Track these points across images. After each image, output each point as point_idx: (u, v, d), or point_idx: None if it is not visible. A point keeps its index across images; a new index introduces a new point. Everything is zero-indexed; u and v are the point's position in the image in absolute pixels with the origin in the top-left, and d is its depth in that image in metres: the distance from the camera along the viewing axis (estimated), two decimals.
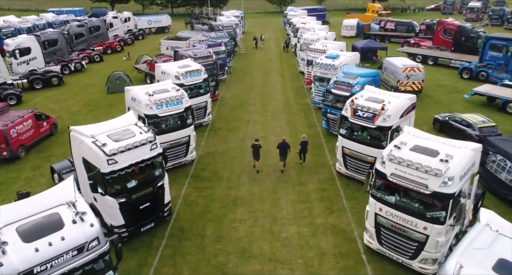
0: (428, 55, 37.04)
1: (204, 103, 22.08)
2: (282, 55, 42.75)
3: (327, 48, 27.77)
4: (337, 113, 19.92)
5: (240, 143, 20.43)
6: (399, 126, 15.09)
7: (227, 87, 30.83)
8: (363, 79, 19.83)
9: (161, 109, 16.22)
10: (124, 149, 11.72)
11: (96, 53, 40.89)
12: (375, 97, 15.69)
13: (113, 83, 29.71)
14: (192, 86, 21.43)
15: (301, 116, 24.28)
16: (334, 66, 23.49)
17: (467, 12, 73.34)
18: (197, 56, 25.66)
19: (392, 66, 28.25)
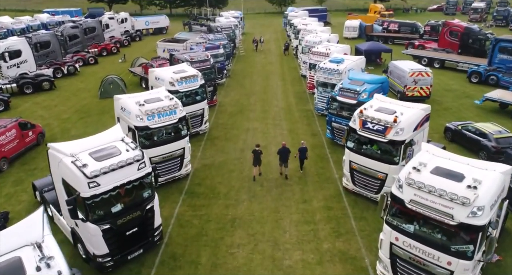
0: (434, 58, 35.72)
1: (201, 110, 20.77)
2: (283, 58, 41.44)
3: (330, 52, 26.46)
4: (343, 122, 18.75)
5: (239, 154, 19.12)
6: (413, 140, 13.79)
7: (226, 91, 29.52)
8: (371, 86, 18.52)
9: (153, 120, 14.89)
10: (108, 169, 10.41)
11: (90, 56, 39.57)
12: (386, 107, 14.37)
13: (106, 87, 28.39)
14: (188, 93, 20.13)
15: (304, 124, 22.96)
16: (339, 71, 22.19)
17: (471, 13, 71.97)
18: (194, 60, 24.34)
19: (398, 70, 26.95)
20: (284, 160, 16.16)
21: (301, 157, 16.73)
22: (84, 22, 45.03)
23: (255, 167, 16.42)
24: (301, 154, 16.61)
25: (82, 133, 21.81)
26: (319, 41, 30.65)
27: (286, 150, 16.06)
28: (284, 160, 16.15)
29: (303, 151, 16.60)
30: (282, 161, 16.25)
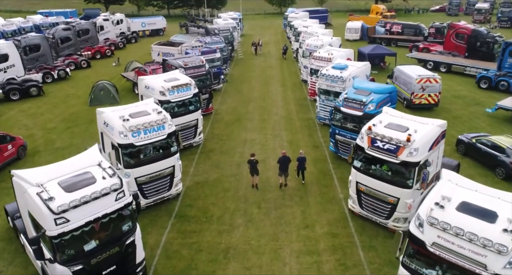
0: (441, 62, 34.27)
1: (195, 121, 19.31)
2: (283, 61, 39.92)
3: (333, 57, 25.00)
4: (347, 135, 17.32)
5: (235, 169, 17.65)
6: (428, 160, 12.33)
7: (223, 98, 28.05)
8: (378, 97, 17.06)
9: (138, 137, 13.43)
10: (79, 202, 8.96)
11: (83, 59, 38.09)
12: (397, 124, 12.91)
13: (96, 94, 26.94)
14: (180, 103, 18.66)
15: (305, 134, 21.49)
16: (342, 78, 20.73)
17: (474, 14, 70.52)
18: (188, 66, 22.88)
19: (405, 76, 25.48)
20: (284, 169, 15.48)
21: (300, 167, 15.97)
22: (77, 24, 43.56)
23: (252, 176, 15.78)
24: (299, 164, 15.87)
25: (67, 145, 20.48)
26: (321, 44, 29.19)
27: (286, 159, 15.37)
28: (285, 169, 15.49)
29: (302, 161, 15.84)
30: (282, 170, 15.53)
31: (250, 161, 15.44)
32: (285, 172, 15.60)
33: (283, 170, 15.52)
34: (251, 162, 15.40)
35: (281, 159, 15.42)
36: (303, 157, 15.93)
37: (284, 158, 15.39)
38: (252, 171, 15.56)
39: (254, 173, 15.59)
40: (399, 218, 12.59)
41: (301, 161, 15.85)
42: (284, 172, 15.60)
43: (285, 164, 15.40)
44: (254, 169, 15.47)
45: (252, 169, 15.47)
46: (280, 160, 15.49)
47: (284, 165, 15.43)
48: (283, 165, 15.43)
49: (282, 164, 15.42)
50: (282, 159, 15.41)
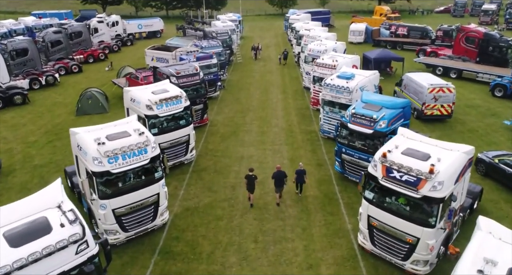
0: (451, 67, 32.38)
1: (186, 137, 17.49)
2: (283, 66, 37.90)
3: (337, 64, 23.16)
4: (355, 154, 15.48)
5: (230, 192, 15.83)
6: (453, 194, 10.48)
7: (219, 107, 26.22)
8: (390, 112, 15.19)
9: (115, 163, 11.60)
10: (26, 261, 7.16)
11: (74, 64, 36.29)
12: (416, 150, 11.04)
13: (83, 103, 25.16)
14: (170, 118, 16.83)
15: (307, 150, 19.65)
16: (349, 89, 18.91)
17: (481, 15, 68.63)
18: (180, 74, 21.07)
19: (415, 85, 23.61)
20: (280, 184, 14.66)
21: (299, 180, 15.15)
22: (69, 26, 41.76)
23: (249, 193, 14.75)
24: (298, 176, 15.04)
25: (47, 162, 18.71)
26: (324, 50, 27.33)
27: (281, 174, 14.53)
28: (280, 184, 14.66)
29: (301, 174, 15.00)
30: (277, 186, 14.68)
31: (248, 176, 14.43)
32: (280, 188, 14.71)
33: (278, 185, 14.62)
34: (249, 178, 14.40)
35: (276, 174, 14.55)
36: (303, 170, 15.02)
37: (279, 173, 14.51)
38: (249, 187, 14.56)
39: (251, 190, 14.59)
40: (419, 260, 10.75)
41: (300, 173, 14.98)
42: (280, 188, 14.72)
43: (280, 179, 14.54)
44: (251, 185, 14.46)
45: (250, 185, 14.48)
46: (274, 175, 14.59)
47: (279, 181, 14.57)
48: (278, 180, 14.57)
49: (277, 179, 14.55)
50: (276, 174, 14.54)
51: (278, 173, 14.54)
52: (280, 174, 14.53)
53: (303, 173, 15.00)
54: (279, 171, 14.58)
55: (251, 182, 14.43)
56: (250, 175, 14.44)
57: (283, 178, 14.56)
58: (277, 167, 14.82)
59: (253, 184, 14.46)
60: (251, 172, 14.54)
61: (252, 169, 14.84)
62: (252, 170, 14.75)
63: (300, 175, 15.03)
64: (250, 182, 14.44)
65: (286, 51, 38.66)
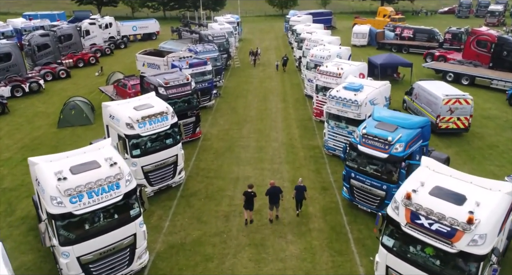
0: (463, 74, 30.32)
1: (173, 158, 15.43)
2: (284, 72, 35.75)
3: (343, 72, 21.11)
4: (367, 180, 13.42)
5: (222, 224, 13.78)
6: (496, 248, 8.42)
7: (214, 118, 24.16)
8: (407, 133, 13.11)
9: (79, 203, 9.54)
10: None
11: (61, 69, 34.18)
12: (447, 189, 8.96)
13: (66, 114, 23.10)
14: (154, 137, 14.77)
15: (311, 169, 17.59)
16: (357, 102, 16.85)
17: (487, 16, 66.74)
18: (169, 85, 19.02)
19: (428, 95, 21.56)
20: (275, 201, 13.52)
21: (298, 197, 13.89)
22: (58, 29, 39.70)
23: (246, 210, 13.56)
24: (298, 193, 13.78)
25: (17, 185, 16.72)
26: (328, 55, 25.27)
27: (276, 190, 13.43)
28: (275, 201, 13.53)
29: (301, 190, 13.76)
30: (272, 203, 13.57)
31: (247, 193, 13.26)
32: (276, 204, 13.61)
33: (273, 202, 13.54)
34: (248, 195, 13.23)
35: (270, 191, 13.40)
36: (303, 186, 13.82)
37: (274, 189, 13.42)
38: (247, 205, 13.40)
39: (249, 208, 13.46)
40: None
41: (299, 189, 13.75)
42: (275, 204, 13.62)
43: (275, 196, 13.41)
44: (249, 203, 13.33)
45: (248, 202, 13.32)
46: (269, 191, 13.42)
47: (273, 197, 13.43)
48: (272, 197, 13.43)
49: (272, 196, 13.41)
50: (271, 190, 13.40)
51: (273, 189, 13.40)
52: (275, 189, 13.41)
53: (303, 189, 13.75)
54: (274, 187, 13.44)
55: (250, 199, 13.26)
56: (249, 191, 13.22)
57: (279, 194, 13.43)
58: (270, 183, 13.62)
59: (251, 202, 13.31)
60: (250, 189, 13.29)
61: (251, 185, 13.50)
62: (252, 187, 13.43)
63: (300, 191, 13.77)
64: (248, 200, 13.26)
65: (286, 57, 35.90)
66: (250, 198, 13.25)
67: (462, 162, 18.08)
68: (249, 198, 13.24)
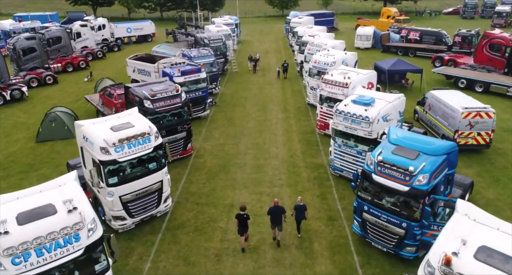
0: (476, 80, 28.26)
1: (157, 185, 13.38)
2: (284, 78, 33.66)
3: (350, 81, 19.09)
4: (382, 215, 11.39)
5: (213, 266, 11.74)
6: None
7: (209, 130, 22.12)
8: (432, 161, 11.04)
9: (25, 263, 7.49)
10: None
11: (48, 74, 32.14)
12: (498, 251, 6.90)
13: (46, 126, 21.09)
14: (135, 162, 12.72)
15: (315, 194, 15.54)
16: (368, 119, 14.80)
17: (494, 17, 64.69)
18: (156, 97, 16.96)
19: (444, 107, 19.52)
20: (277, 222, 12.42)
21: (298, 217, 12.82)
22: (47, 32, 37.65)
23: (242, 236, 12.46)
24: (297, 213, 12.75)
25: None
26: (332, 62, 23.26)
27: (279, 210, 12.36)
28: (277, 222, 12.42)
29: (301, 209, 12.72)
30: (274, 223, 12.52)
31: (240, 215, 12.18)
32: (278, 226, 12.47)
33: (275, 223, 12.47)
34: (241, 217, 12.16)
35: (272, 210, 12.36)
36: (303, 205, 12.75)
37: (276, 208, 12.35)
38: (241, 229, 12.30)
39: (243, 232, 12.39)
40: None
41: (299, 209, 12.70)
42: (278, 226, 12.47)
43: (278, 215, 12.32)
44: (243, 226, 12.25)
45: (241, 226, 12.23)
46: (271, 210, 12.39)
47: (276, 217, 12.34)
48: (274, 217, 12.36)
49: (274, 215, 12.34)
50: (273, 209, 12.36)
51: (275, 208, 12.32)
52: (278, 209, 12.30)
53: (303, 208, 12.71)
54: (277, 206, 12.34)
55: (243, 223, 12.17)
56: (242, 214, 12.14)
57: (282, 214, 12.30)
58: (274, 201, 12.49)
59: (245, 225, 12.25)
60: (242, 211, 12.18)
61: (244, 207, 12.31)
62: (244, 209, 12.27)
63: (300, 211, 12.72)
64: (242, 223, 12.17)
65: (286, 63, 33.11)
66: (244, 221, 12.14)
67: (486, 185, 16.04)
68: (242, 221, 12.13)
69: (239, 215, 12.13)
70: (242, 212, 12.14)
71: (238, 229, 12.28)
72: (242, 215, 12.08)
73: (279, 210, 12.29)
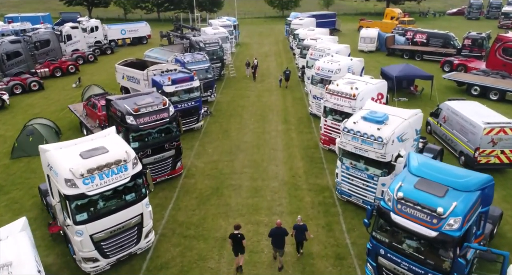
0: (491, 87, 26.29)
1: (136, 219, 11.44)
2: (284, 83, 31.57)
3: (358, 93, 17.15)
4: (402, 262, 9.45)
5: None
6: None
7: (201, 144, 20.19)
8: (464, 198, 9.08)
9: None
10: None
11: (33, 80, 30.19)
12: None
13: (22, 141, 19.20)
14: (109, 194, 10.77)
15: (320, 225, 13.59)
16: (381, 139, 12.84)
17: (501, 18, 62.79)
18: (140, 112, 14.98)
19: (462, 121, 17.57)
20: (279, 245, 11.48)
21: (298, 238, 11.86)
22: (34, 34, 35.70)
23: (236, 256, 11.53)
24: (297, 233, 11.79)
25: None
26: (337, 69, 21.33)
27: (282, 232, 11.44)
28: (279, 245, 11.48)
29: (301, 230, 11.76)
30: (276, 246, 11.57)
31: (233, 235, 11.27)
32: (280, 250, 11.50)
33: (277, 246, 11.50)
34: (235, 237, 11.24)
35: (274, 232, 11.42)
36: (303, 225, 11.80)
37: (279, 230, 11.41)
38: (235, 249, 11.39)
39: (238, 252, 11.44)
40: None
41: (300, 229, 11.74)
42: (279, 249, 11.49)
43: (280, 238, 11.37)
44: (238, 246, 11.35)
45: (236, 246, 11.35)
46: (272, 232, 11.45)
47: (278, 240, 11.39)
48: (276, 239, 11.40)
49: (276, 238, 11.40)
50: (275, 231, 11.42)
51: (277, 230, 11.35)
52: (280, 231, 11.34)
53: (304, 228, 11.74)
54: (279, 228, 11.38)
55: (238, 243, 11.21)
56: (236, 233, 11.24)
57: (284, 236, 11.34)
58: (277, 223, 11.47)
59: (240, 245, 11.26)
60: (237, 230, 11.26)
61: (238, 226, 11.33)
62: (239, 228, 11.31)
63: (300, 231, 11.71)
64: (236, 243, 11.25)
65: (289, 70, 30.12)
66: (238, 241, 11.19)
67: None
68: (237, 241, 11.20)
69: (233, 234, 11.22)
70: (236, 231, 11.22)
71: (233, 248, 11.38)
72: (236, 235, 11.16)
73: (281, 233, 11.32)
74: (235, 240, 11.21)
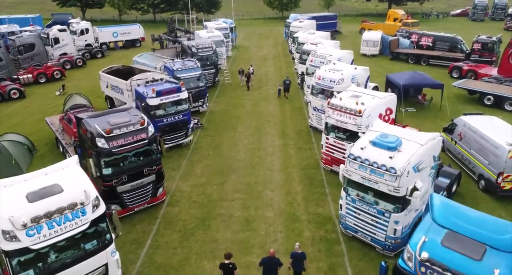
0: (507, 97, 24.25)
1: (100, 271, 9.43)
2: (283, 91, 29.36)
3: (365, 109, 15.12)
4: None
5: None
6: None
7: (190, 163, 18.18)
8: (505, 260, 7.07)
9: None
10: None
11: (13, 88, 28.17)
12: None
13: None
14: (62, 244, 8.72)
15: (321, 268, 11.58)
16: (394, 171, 10.79)
17: (508, 20, 60.63)
18: (112, 134, 12.94)
19: (481, 140, 15.54)
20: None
21: (297, 267, 10.74)
22: (17, 38, 33.73)
23: None
24: (295, 262, 10.68)
25: None
26: (340, 79, 19.30)
27: (274, 262, 10.34)
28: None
29: (300, 258, 10.64)
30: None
31: (224, 265, 10.32)
32: None
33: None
34: (225, 267, 10.30)
35: (266, 261, 10.41)
36: (301, 253, 10.73)
37: (270, 260, 10.38)
38: None
39: None
40: None
41: (297, 258, 10.64)
42: None
43: (272, 269, 10.42)
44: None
45: None
46: (263, 261, 10.46)
47: (269, 271, 10.43)
48: (268, 270, 10.44)
49: (267, 268, 10.44)
50: (267, 260, 10.42)
51: (269, 259, 10.38)
52: (273, 261, 10.39)
53: (302, 257, 10.68)
54: (271, 258, 10.39)
55: (230, 274, 10.32)
56: (227, 263, 10.30)
57: (277, 267, 10.41)
58: (270, 252, 10.47)
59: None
60: (228, 260, 10.31)
61: (229, 255, 10.33)
62: (230, 257, 10.31)
63: (298, 260, 10.66)
64: (226, 274, 10.32)
65: (289, 80, 27.53)
66: (229, 271, 10.29)
67: None
68: (228, 271, 10.29)
69: (223, 264, 10.29)
70: (227, 261, 10.29)
71: None
72: (227, 265, 10.23)
73: (273, 263, 10.36)
74: (226, 270, 10.25)
